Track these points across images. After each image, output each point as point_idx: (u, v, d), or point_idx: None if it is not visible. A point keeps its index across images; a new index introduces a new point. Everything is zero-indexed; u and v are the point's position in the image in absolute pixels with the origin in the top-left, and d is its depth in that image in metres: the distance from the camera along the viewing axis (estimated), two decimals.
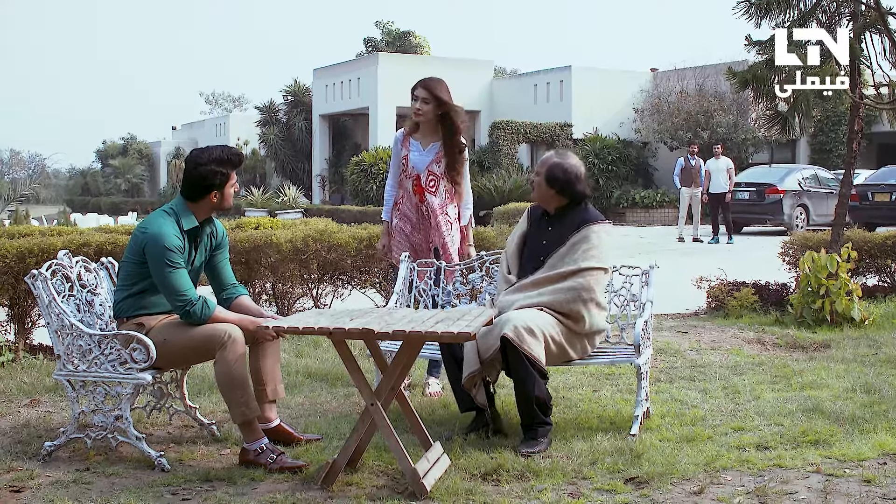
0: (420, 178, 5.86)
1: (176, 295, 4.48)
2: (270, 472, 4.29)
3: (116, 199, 49.86)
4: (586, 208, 5.22)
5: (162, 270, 4.47)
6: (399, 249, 5.97)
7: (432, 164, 5.86)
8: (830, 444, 4.65)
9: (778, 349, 7.31)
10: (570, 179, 5.12)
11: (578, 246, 5.07)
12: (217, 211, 4.75)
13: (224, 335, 4.44)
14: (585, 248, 5.07)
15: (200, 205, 4.67)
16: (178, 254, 4.50)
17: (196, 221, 4.66)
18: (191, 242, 4.67)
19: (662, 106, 29.28)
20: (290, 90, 40.52)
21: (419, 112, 5.80)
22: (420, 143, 5.90)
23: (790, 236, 10.45)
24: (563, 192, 5.14)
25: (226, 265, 4.92)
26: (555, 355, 4.88)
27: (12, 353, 6.64)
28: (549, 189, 5.15)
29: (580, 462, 4.38)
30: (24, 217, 19.17)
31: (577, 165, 5.17)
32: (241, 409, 4.42)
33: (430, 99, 5.76)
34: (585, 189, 5.20)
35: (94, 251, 6.83)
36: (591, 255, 5.06)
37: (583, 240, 5.09)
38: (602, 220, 5.22)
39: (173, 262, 4.47)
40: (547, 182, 5.14)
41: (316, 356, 6.94)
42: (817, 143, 28.57)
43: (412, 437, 4.50)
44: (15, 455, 4.55)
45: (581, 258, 5.05)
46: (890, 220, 18.66)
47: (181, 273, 4.50)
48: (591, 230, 5.12)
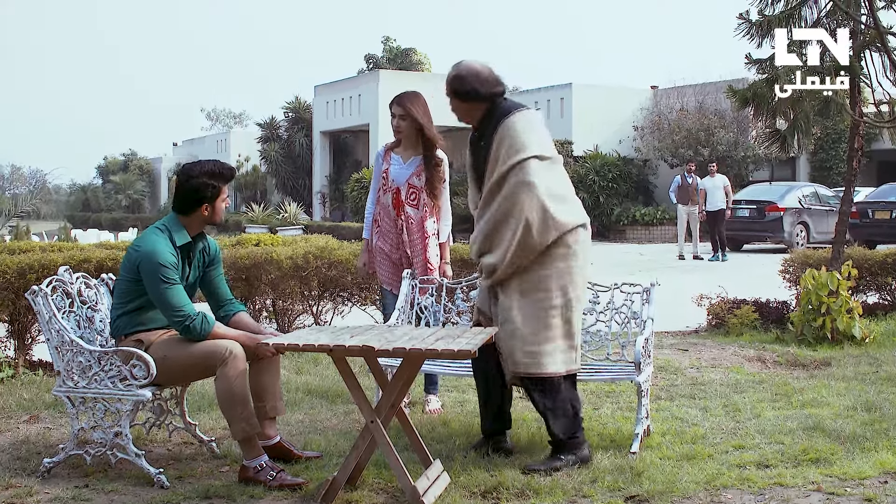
0: (400, 191, 5.86)
1: (173, 311, 4.48)
2: (270, 489, 4.28)
3: (117, 214, 49.92)
4: (501, 105, 4.75)
5: (158, 287, 4.47)
6: (381, 268, 5.97)
7: (412, 177, 5.86)
8: (831, 462, 4.64)
9: (778, 367, 7.30)
10: (469, 82, 4.71)
11: (500, 149, 4.63)
12: (208, 225, 4.76)
13: (225, 351, 4.44)
14: (507, 147, 4.62)
15: (192, 218, 4.68)
16: (172, 270, 4.51)
17: (189, 237, 4.67)
18: (184, 258, 4.68)
19: (663, 123, 29.36)
20: (291, 107, 40.64)
21: (397, 129, 5.83)
22: (401, 157, 5.92)
23: (791, 254, 10.46)
24: (471, 98, 4.75)
25: (221, 281, 4.92)
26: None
27: (12, 369, 6.64)
28: (460, 103, 4.80)
29: (580, 480, 4.37)
30: (25, 233, 19.17)
31: (472, 65, 4.77)
32: (242, 425, 4.41)
33: (405, 114, 5.79)
34: (493, 87, 4.74)
35: (95, 267, 6.83)
36: (514, 151, 4.62)
37: (501, 141, 4.65)
38: (519, 108, 4.74)
39: (169, 279, 4.48)
40: (454, 97, 4.79)
41: (316, 373, 6.93)
42: (817, 161, 28.62)
43: (412, 455, 4.49)
44: (14, 471, 4.54)
45: (503, 159, 4.61)
46: (890, 237, 18.66)
47: (178, 289, 4.50)
48: (505, 126, 4.66)
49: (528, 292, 4.61)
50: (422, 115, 5.78)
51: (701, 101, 29.16)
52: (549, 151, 4.73)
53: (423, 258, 5.88)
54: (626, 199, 29.42)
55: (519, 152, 4.63)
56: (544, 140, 4.77)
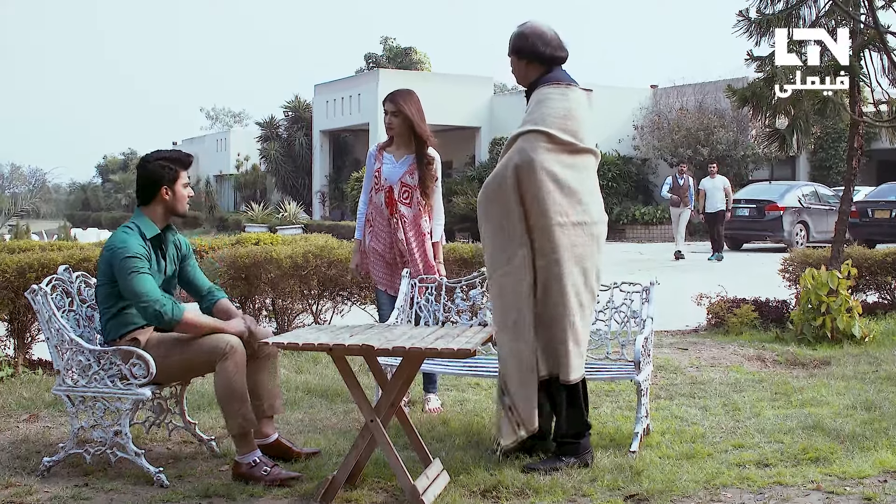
0: (393, 189, 5.84)
1: (141, 299, 4.45)
2: (266, 485, 4.28)
3: (117, 213, 49.92)
4: (555, 73, 4.55)
5: (126, 278, 4.46)
6: (375, 269, 5.94)
7: (405, 175, 5.84)
8: (831, 461, 4.64)
9: (778, 366, 7.30)
10: (531, 41, 4.54)
11: (525, 116, 4.47)
12: (174, 216, 4.75)
13: (225, 346, 4.44)
14: (528, 114, 4.45)
15: (154, 207, 4.67)
16: (141, 259, 4.50)
17: (157, 229, 4.67)
18: (157, 251, 4.67)
19: (662, 123, 29.36)
20: (291, 106, 40.64)
21: (390, 126, 5.83)
22: (393, 155, 5.91)
23: (790, 253, 10.45)
24: (530, 58, 4.58)
25: (197, 272, 4.92)
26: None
27: (12, 368, 6.63)
28: (518, 61, 4.62)
29: (580, 479, 4.37)
30: (25, 232, 19.19)
31: (538, 25, 4.58)
32: (238, 420, 4.41)
33: (398, 111, 5.78)
34: (555, 51, 4.55)
35: (95, 266, 6.81)
36: (530, 121, 4.43)
37: (529, 107, 4.48)
38: (564, 82, 4.53)
39: (136, 268, 4.46)
40: (514, 54, 4.62)
41: (315, 372, 6.93)
42: (817, 160, 28.63)
43: (412, 454, 4.49)
44: (14, 470, 4.54)
45: (519, 127, 4.45)
46: (890, 236, 18.68)
47: (145, 277, 4.48)
48: (539, 92, 4.50)
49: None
50: (414, 112, 5.77)
51: (700, 101, 29.16)
52: (572, 136, 4.48)
53: (423, 257, 5.87)
54: (625, 199, 29.45)
55: (534, 123, 4.44)
56: (573, 124, 4.50)
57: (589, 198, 4.57)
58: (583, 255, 4.51)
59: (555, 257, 4.44)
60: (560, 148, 4.48)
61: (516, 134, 4.52)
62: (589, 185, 4.60)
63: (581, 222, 4.50)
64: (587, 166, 4.61)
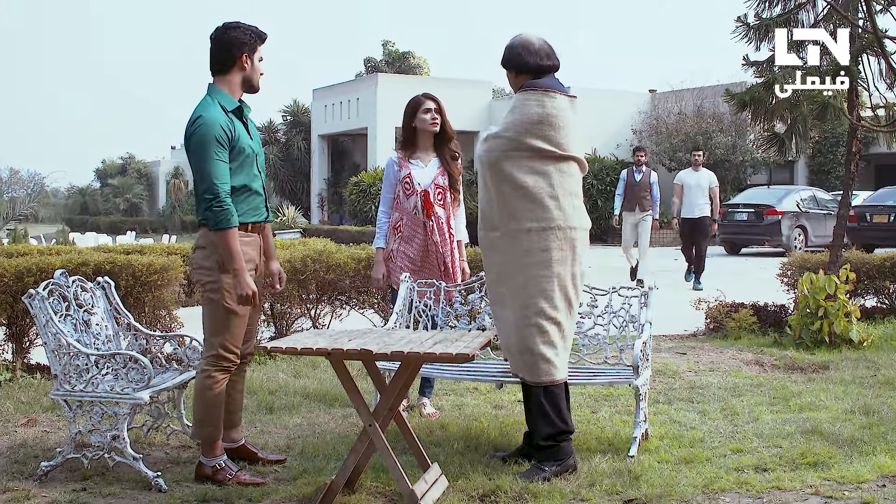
0: (429, 193, 5.84)
1: (212, 182, 4.26)
2: (239, 484, 4.35)
3: (115, 218, 49.91)
4: (541, 81, 4.57)
5: (202, 154, 4.28)
6: (400, 273, 5.88)
7: (437, 177, 5.87)
8: (829, 465, 4.64)
9: (776, 370, 7.30)
10: (517, 51, 4.58)
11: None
12: (247, 88, 4.55)
13: (235, 359, 4.51)
14: (500, 120, 4.50)
15: (231, 78, 4.47)
16: (223, 148, 4.32)
17: (236, 101, 4.49)
18: (240, 123, 4.49)
19: (660, 127, 29.36)
20: (290, 110, 40.62)
21: (436, 122, 5.86)
22: (420, 160, 5.91)
23: (788, 257, 10.46)
24: (517, 68, 4.61)
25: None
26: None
27: (9, 373, 6.63)
28: (508, 72, 4.67)
29: (578, 484, 4.36)
30: (23, 236, 19.15)
31: (526, 37, 4.61)
32: (210, 428, 4.47)
33: (440, 108, 5.88)
34: (541, 60, 4.57)
35: (93, 270, 6.82)
36: (496, 126, 4.51)
37: (504, 116, 4.54)
38: (540, 88, 4.52)
39: (219, 155, 4.30)
40: (504, 66, 4.65)
41: (314, 377, 6.92)
42: (815, 165, 28.65)
43: (410, 459, 4.49)
44: (11, 475, 4.53)
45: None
46: (888, 241, 18.68)
47: (223, 165, 4.31)
48: (515, 99, 4.57)
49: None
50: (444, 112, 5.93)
51: (699, 105, 29.16)
52: (546, 143, 4.47)
53: (452, 263, 5.86)
54: None
55: (497, 128, 4.53)
56: (549, 130, 4.48)
57: (565, 202, 4.52)
58: (548, 261, 4.47)
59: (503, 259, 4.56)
60: (529, 155, 4.48)
61: (483, 139, 4.60)
62: (566, 191, 4.56)
63: (544, 228, 4.46)
64: (566, 172, 4.57)
